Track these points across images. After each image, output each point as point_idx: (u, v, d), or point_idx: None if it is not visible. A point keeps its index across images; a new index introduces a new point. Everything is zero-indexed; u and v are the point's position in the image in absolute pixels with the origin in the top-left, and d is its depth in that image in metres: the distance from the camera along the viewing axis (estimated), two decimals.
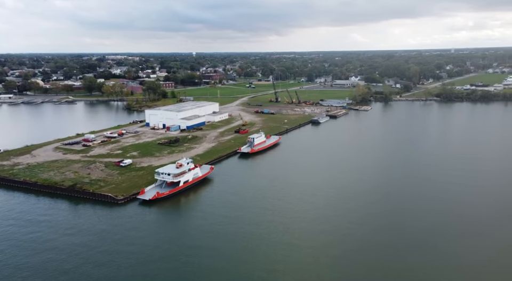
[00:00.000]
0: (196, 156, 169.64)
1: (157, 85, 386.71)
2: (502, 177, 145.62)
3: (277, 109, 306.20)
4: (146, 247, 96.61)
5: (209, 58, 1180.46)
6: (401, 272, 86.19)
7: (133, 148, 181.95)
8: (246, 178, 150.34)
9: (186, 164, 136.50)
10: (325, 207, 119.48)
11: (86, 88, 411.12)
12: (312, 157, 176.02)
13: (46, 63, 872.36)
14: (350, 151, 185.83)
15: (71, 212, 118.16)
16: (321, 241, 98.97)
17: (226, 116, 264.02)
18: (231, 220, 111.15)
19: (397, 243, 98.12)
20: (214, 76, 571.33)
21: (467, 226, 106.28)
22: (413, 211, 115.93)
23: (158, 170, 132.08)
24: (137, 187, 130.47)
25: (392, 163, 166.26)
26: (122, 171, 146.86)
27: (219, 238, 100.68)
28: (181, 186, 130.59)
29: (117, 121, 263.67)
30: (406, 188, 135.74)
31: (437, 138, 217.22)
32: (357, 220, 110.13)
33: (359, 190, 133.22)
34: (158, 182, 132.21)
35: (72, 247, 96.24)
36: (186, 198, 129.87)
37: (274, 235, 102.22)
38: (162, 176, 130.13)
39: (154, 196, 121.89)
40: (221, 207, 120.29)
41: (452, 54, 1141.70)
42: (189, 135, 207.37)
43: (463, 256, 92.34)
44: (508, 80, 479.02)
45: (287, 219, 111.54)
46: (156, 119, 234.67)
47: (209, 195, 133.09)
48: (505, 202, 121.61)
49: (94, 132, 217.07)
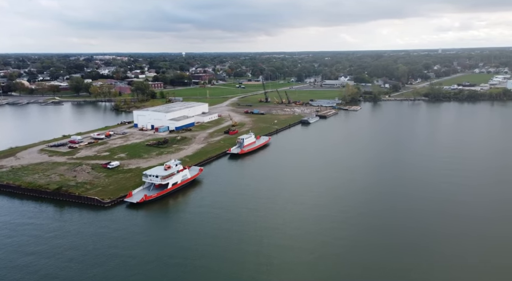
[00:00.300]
0: (185, 158, 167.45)
1: (146, 85, 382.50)
2: (490, 176, 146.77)
3: (266, 109, 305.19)
4: (134, 250, 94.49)
5: (198, 58, 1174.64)
6: (395, 272, 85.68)
7: (121, 150, 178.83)
8: (236, 179, 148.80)
9: (175, 166, 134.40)
10: (315, 207, 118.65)
11: (73, 89, 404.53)
12: (302, 157, 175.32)
13: (32, 63, 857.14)
14: (340, 152, 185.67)
15: (56, 216, 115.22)
16: (313, 242, 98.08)
17: (215, 117, 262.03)
18: (221, 222, 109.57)
19: (389, 243, 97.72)
20: (204, 76, 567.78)
21: (458, 226, 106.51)
22: (405, 211, 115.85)
23: (145, 172, 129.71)
24: (124, 189, 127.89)
25: (382, 163, 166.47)
26: (110, 173, 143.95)
27: (208, 240, 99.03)
28: (169, 188, 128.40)
29: (104, 122, 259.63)
30: (397, 188, 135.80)
31: (426, 138, 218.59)
32: (349, 220, 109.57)
33: (350, 191, 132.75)
34: (146, 184, 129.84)
35: (56, 251, 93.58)
36: (175, 201, 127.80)
37: (266, 237, 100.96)
38: (150, 178, 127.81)
39: (142, 199, 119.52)
40: (210, 209, 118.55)
41: (439, 54, 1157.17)
42: (178, 136, 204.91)
43: (455, 255, 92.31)
44: (494, 80, 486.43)
45: (278, 220, 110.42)
46: (144, 120, 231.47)
47: (199, 197, 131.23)
48: (496, 201, 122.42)
49: (81, 133, 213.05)
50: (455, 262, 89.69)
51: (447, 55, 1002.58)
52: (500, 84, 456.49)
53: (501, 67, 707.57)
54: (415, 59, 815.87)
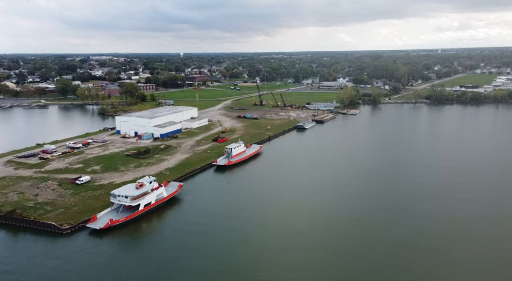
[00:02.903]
0: (165, 171, 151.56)
1: (135, 87, 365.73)
2: (504, 192, 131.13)
3: (260, 113, 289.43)
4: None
5: (196, 59, 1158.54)
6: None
7: (96, 161, 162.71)
8: (220, 197, 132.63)
9: (149, 183, 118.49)
10: (311, 234, 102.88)
11: (60, 91, 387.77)
12: (295, 169, 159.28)
13: (26, 64, 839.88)
14: (337, 163, 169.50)
15: (6, 244, 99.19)
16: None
17: (205, 122, 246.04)
18: (200, 250, 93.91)
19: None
20: (198, 78, 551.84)
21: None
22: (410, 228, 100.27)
23: (114, 192, 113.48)
24: (89, 211, 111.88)
25: (383, 176, 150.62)
26: (77, 191, 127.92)
27: (184, 273, 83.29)
28: (141, 210, 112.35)
29: (89, 127, 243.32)
30: (401, 204, 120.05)
31: (432, 149, 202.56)
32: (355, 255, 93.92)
33: (347, 210, 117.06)
34: (114, 206, 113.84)
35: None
36: (148, 225, 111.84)
37: (251, 270, 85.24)
38: (118, 199, 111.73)
39: (107, 224, 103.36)
40: (188, 234, 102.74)
41: (439, 54, 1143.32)
42: (162, 145, 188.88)
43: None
44: (498, 81, 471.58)
45: (268, 249, 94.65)
46: (127, 127, 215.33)
47: (175, 219, 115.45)
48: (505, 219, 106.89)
49: (57, 141, 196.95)
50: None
51: (447, 55, 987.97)
52: (504, 85, 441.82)
53: (502, 67, 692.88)
54: (414, 59, 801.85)
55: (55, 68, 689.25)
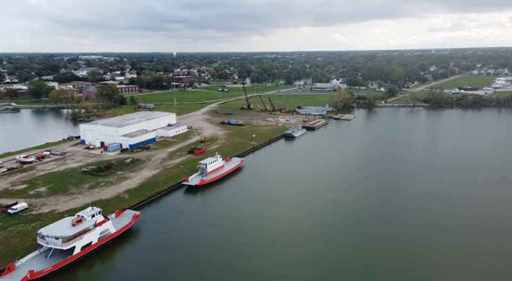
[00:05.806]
0: (124, 193, 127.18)
1: (113, 89, 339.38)
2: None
3: (247, 118, 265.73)
4: None
5: (189, 58, 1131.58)
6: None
7: (45, 180, 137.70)
8: (186, 229, 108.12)
9: (91, 217, 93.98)
10: (299, 269, 79.47)
11: (32, 93, 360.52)
12: (280, 188, 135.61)
13: (9, 63, 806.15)
14: (329, 179, 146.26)
15: None
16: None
17: (184, 130, 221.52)
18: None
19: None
20: (185, 79, 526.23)
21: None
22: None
23: (41, 231, 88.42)
24: (9, 256, 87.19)
25: (382, 196, 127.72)
26: (6, 223, 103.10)
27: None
28: (76, 254, 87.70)
29: (55, 135, 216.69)
30: (401, 220, 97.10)
31: (435, 162, 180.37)
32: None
33: (344, 245, 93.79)
34: (43, 248, 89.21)
35: None
36: (85, 273, 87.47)
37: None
38: (47, 240, 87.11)
39: (25, 277, 78.81)
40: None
41: (433, 54, 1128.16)
42: (128, 158, 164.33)
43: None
44: (497, 83, 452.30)
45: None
46: (92, 136, 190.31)
47: (124, 262, 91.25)
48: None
49: (9, 154, 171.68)
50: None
51: (442, 56, 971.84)
52: (504, 87, 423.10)
53: (500, 68, 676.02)
54: (409, 60, 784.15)
55: (36, 68, 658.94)
